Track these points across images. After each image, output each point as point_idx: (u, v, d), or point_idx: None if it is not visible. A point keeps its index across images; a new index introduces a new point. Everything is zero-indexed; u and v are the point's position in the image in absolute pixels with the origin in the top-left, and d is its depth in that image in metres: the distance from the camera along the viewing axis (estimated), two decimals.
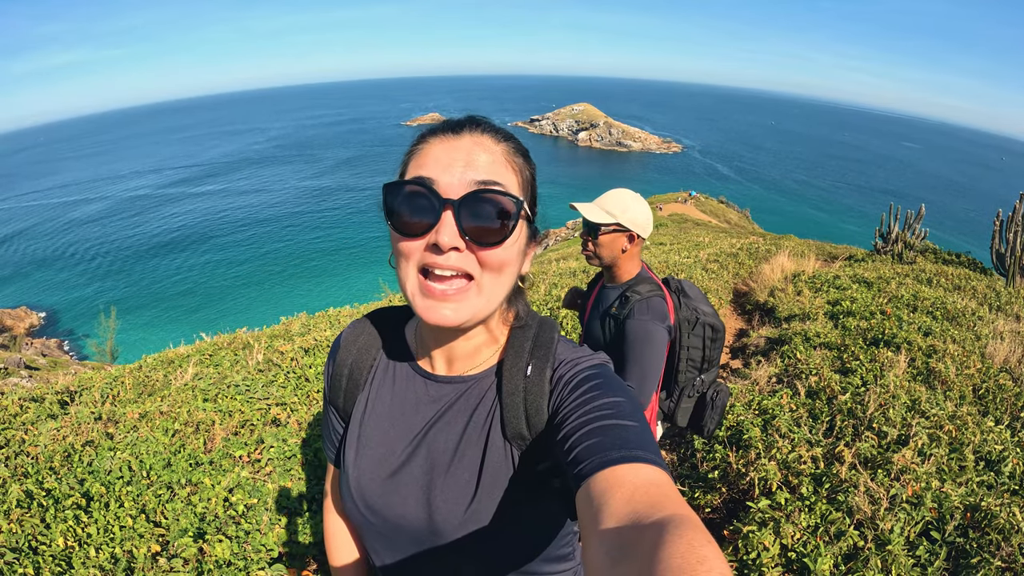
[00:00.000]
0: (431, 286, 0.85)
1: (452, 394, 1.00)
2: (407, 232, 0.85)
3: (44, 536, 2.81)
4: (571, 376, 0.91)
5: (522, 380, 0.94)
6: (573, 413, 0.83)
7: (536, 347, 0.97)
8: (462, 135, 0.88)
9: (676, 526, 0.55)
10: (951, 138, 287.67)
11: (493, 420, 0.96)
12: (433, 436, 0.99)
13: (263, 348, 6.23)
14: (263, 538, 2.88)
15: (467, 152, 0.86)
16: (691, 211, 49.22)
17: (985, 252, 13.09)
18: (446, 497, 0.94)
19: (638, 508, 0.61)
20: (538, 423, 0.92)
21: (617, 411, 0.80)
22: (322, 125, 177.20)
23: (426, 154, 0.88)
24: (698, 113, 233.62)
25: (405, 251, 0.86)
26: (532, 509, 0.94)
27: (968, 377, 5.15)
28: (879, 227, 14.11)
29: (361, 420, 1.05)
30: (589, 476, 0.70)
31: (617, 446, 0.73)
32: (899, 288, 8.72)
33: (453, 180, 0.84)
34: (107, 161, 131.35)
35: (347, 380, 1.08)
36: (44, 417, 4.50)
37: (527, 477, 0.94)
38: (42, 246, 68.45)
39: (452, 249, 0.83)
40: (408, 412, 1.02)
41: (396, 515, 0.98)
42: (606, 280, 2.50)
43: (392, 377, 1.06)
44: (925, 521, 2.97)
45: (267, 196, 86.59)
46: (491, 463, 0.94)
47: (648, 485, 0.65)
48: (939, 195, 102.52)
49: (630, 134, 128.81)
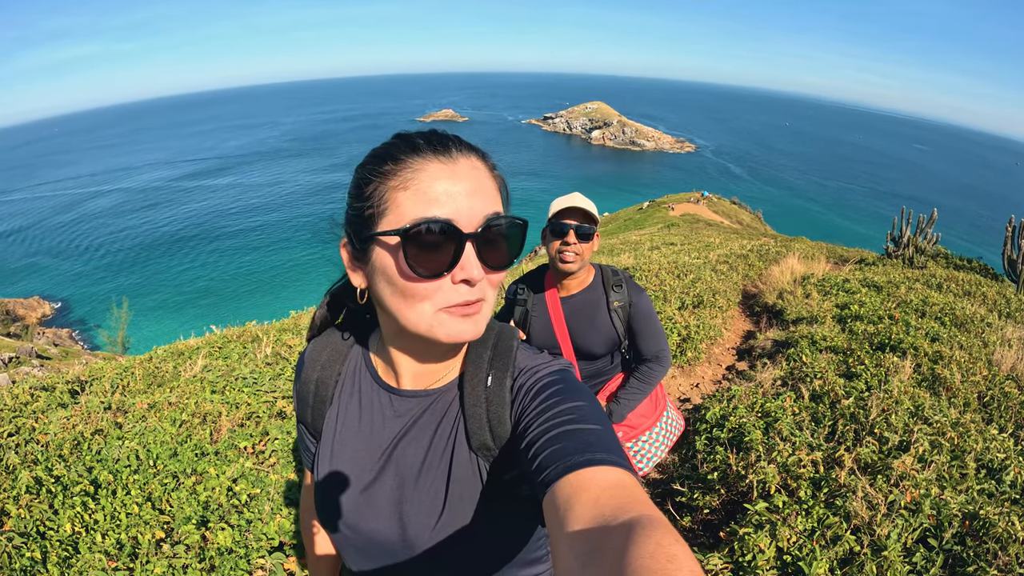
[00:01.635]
0: (453, 309, 0.84)
1: (417, 408, 0.99)
2: (427, 274, 0.81)
3: (52, 522, 2.87)
4: (531, 384, 0.91)
5: (483, 391, 0.93)
6: (535, 421, 0.83)
7: (496, 356, 0.97)
8: (456, 158, 0.85)
9: (644, 527, 0.55)
10: (961, 140, 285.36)
11: (458, 432, 0.96)
12: (401, 451, 0.98)
13: (272, 342, 6.29)
14: (264, 527, 2.93)
15: (470, 179, 0.84)
16: (703, 211, 49.10)
17: (996, 257, 13.00)
18: (416, 510, 0.95)
19: (604, 511, 0.61)
20: (502, 433, 0.91)
21: (578, 415, 0.80)
22: (335, 120, 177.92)
23: (427, 185, 0.82)
24: (711, 113, 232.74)
25: (423, 293, 0.83)
26: (502, 517, 0.95)
27: (974, 384, 5.13)
28: (891, 231, 14.03)
29: (332, 436, 1.05)
30: (554, 482, 0.70)
31: (580, 450, 0.73)
32: (908, 293, 8.67)
33: (467, 211, 0.82)
34: (120, 154, 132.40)
35: (313, 397, 1.07)
36: (55, 406, 4.56)
37: (495, 487, 0.94)
38: (54, 237, 69.09)
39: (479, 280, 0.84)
40: (376, 427, 1.01)
41: (369, 529, 0.99)
42: (563, 290, 2.51)
43: (358, 392, 1.05)
44: (923, 528, 2.98)
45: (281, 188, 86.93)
46: (458, 475, 0.94)
47: (614, 487, 0.65)
48: (950, 198, 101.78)
49: (643, 133, 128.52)
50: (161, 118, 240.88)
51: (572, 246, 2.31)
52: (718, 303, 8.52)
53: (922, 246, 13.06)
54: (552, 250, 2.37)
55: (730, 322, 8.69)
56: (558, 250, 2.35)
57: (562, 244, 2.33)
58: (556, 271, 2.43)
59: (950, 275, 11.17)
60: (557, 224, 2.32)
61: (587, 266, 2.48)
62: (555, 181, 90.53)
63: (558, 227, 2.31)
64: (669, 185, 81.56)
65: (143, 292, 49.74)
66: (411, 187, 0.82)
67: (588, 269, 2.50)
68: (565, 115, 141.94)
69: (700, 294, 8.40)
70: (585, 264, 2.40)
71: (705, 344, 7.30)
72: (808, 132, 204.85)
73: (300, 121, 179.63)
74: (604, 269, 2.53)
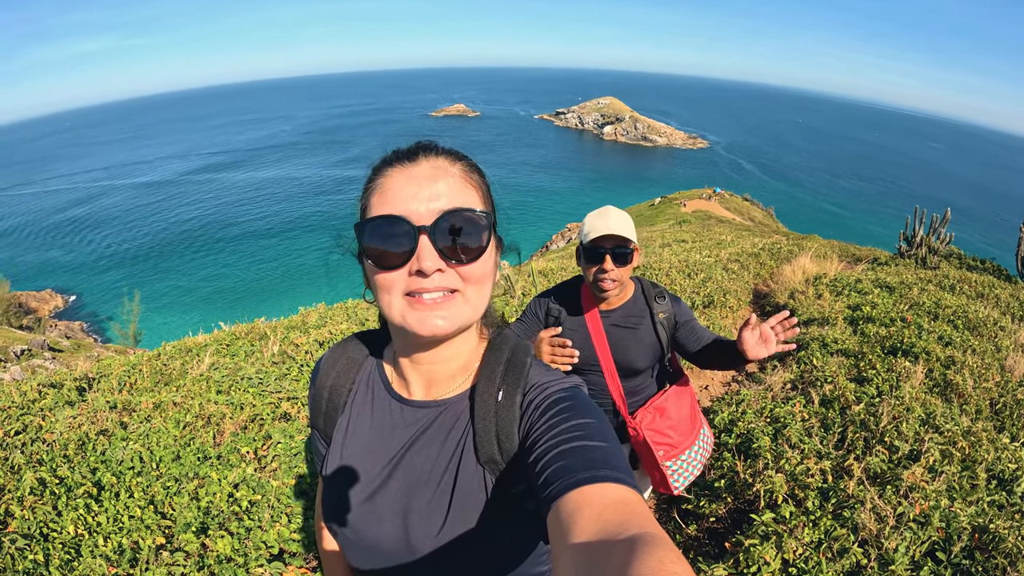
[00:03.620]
0: (421, 299, 0.87)
1: (426, 418, 1.01)
2: (386, 265, 0.88)
3: (55, 523, 2.88)
4: (541, 400, 0.92)
5: (494, 405, 0.95)
6: (543, 436, 0.85)
7: (508, 371, 0.98)
8: (419, 161, 0.91)
9: (646, 544, 0.56)
10: (976, 139, 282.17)
11: (466, 444, 0.97)
12: (409, 459, 1.00)
13: (279, 340, 6.29)
14: (264, 535, 2.92)
15: (428, 178, 0.89)
16: (715, 208, 48.86)
17: (1010, 257, 12.86)
18: (420, 518, 0.96)
19: (607, 527, 0.62)
20: (510, 448, 0.93)
21: (586, 432, 0.81)
22: (348, 115, 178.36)
23: (388, 188, 0.90)
24: (723, 109, 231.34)
25: (387, 283, 0.89)
26: (505, 531, 0.95)
27: (986, 391, 5.05)
28: (903, 230, 13.88)
29: (342, 443, 1.07)
30: (558, 497, 0.71)
31: (585, 467, 0.74)
32: (921, 295, 8.57)
33: (421, 206, 0.87)
34: (133, 148, 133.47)
35: (326, 403, 1.10)
36: (62, 404, 4.58)
37: (501, 501, 0.95)
38: (67, 230, 69.61)
39: (436, 271, 0.86)
40: (385, 436, 1.03)
41: (374, 535, 1.00)
42: (606, 306, 2.41)
43: (371, 401, 1.07)
44: (931, 541, 2.93)
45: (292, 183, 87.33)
46: (463, 486, 0.95)
47: (616, 504, 0.66)
48: (964, 197, 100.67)
49: (655, 129, 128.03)
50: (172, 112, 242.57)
51: (610, 272, 2.20)
52: (728, 303, 8.48)
53: (935, 246, 12.91)
54: (589, 275, 2.27)
55: (740, 322, 8.63)
56: (595, 277, 2.24)
57: (599, 271, 2.22)
58: (595, 295, 2.33)
59: (963, 276, 11.03)
60: (592, 250, 2.20)
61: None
62: (566, 176, 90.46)
63: (593, 253, 2.20)
64: (681, 181, 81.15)
65: (155, 285, 50.09)
66: (377, 191, 0.91)
67: (628, 283, 2.43)
68: (577, 110, 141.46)
69: (711, 294, 8.36)
70: (625, 284, 2.33)
71: None
72: (823, 129, 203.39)
73: (313, 115, 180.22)
74: (643, 281, 2.47)
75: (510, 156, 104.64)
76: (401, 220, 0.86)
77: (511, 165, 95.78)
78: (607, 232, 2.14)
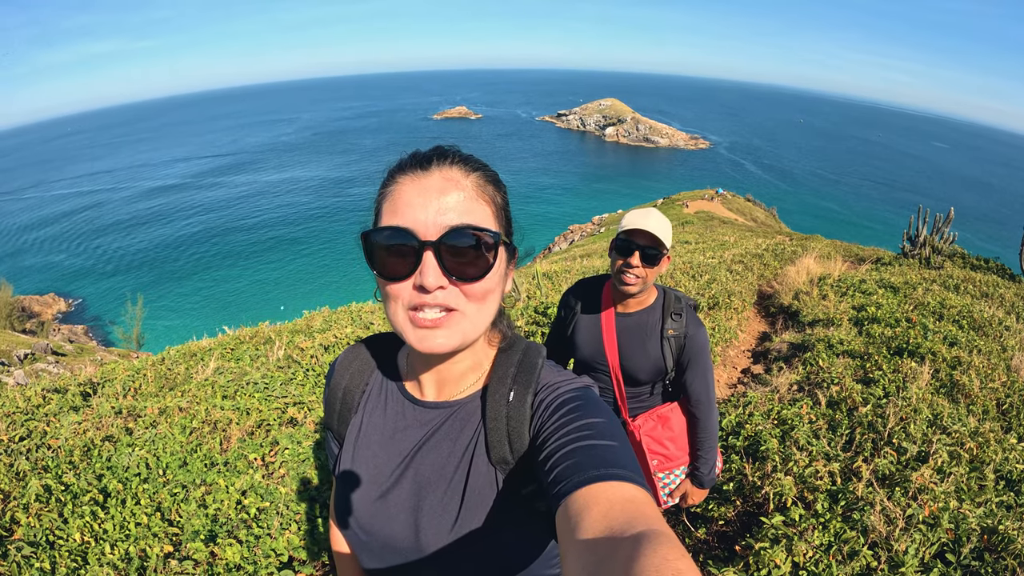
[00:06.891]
0: (420, 317, 0.87)
1: (438, 419, 1.02)
2: (391, 276, 0.88)
3: (61, 531, 2.87)
4: (551, 400, 0.93)
5: (505, 405, 0.95)
6: (553, 436, 0.86)
7: (520, 372, 0.99)
8: (431, 171, 0.90)
9: (651, 541, 0.56)
10: (981, 138, 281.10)
11: (477, 444, 0.98)
12: (420, 459, 1.01)
13: (284, 344, 6.28)
14: (273, 543, 2.91)
15: (439, 190, 0.88)
16: (718, 209, 48.78)
17: (1014, 256, 12.82)
18: (431, 517, 0.97)
19: (614, 524, 0.63)
20: (520, 447, 0.93)
21: (596, 431, 0.82)
22: (352, 117, 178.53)
23: (398, 197, 0.89)
24: (725, 109, 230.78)
25: (392, 293, 0.89)
26: (516, 531, 0.96)
27: (992, 391, 5.03)
28: (907, 230, 13.84)
29: (354, 443, 1.09)
30: (567, 495, 0.72)
31: (594, 465, 0.75)
32: (925, 295, 8.55)
33: (428, 221, 0.86)
34: (139, 151, 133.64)
35: (340, 404, 1.11)
36: (66, 409, 4.58)
37: (512, 500, 0.95)
38: (72, 233, 69.68)
39: (438, 288, 0.86)
40: (398, 436, 1.05)
41: (385, 535, 1.01)
42: (621, 306, 2.35)
43: (384, 401, 1.09)
44: (941, 543, 2.92)
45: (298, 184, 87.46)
46: (475, 486, 0.96)
47: (624, 502, 0.67)
48: (968, 196, 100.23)
49: (657, 130, 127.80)
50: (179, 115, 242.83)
51: (635, 268, 2.16)
52: (733, 304, 8.46)
53: (939, 246, 12.87)
54: (615, 267, 2.23)
55: (745, 324, 8.62)
56: (620, 269, 2.20)
57: (624, 264, 2.18)
58: (616, 288, 2.28)
59: (967, 276, 11.00)
60: (623, 242, 2.16)
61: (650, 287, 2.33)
62: (568, 178, 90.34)
63: (624, 245, 2.17)
64: (683, 182, 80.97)
65: (158, 289, 50.09)
66: (389, 199, 0.90)
67: (651, 290, 2.35)
68: (579, 112, 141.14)
69: (716, 295, 8.34)
70: (648, 287, 2.26)
71: (720, 347, 7.24)
72: (826, 129, 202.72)
73: (317, 118, 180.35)
74: (668, 293, 2.36)
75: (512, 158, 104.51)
76: (407, 233, 0.86)
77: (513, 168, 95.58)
78: (643, 228, 2.11)
